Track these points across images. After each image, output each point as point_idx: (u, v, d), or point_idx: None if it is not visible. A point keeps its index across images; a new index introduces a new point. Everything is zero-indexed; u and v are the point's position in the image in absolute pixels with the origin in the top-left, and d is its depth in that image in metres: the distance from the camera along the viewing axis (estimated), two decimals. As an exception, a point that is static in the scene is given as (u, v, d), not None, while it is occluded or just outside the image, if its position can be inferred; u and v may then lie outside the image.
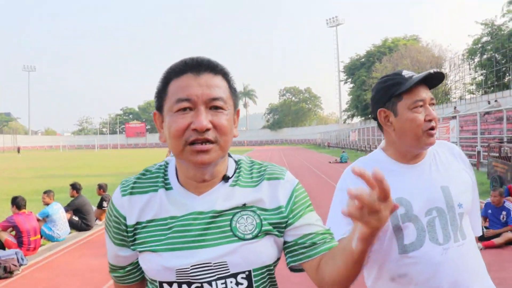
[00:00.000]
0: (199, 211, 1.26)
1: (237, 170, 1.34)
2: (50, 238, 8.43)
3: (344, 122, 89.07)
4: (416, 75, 1.72)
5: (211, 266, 1.22)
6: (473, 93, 47.12)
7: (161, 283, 1.26)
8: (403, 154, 1.79)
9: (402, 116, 1.73)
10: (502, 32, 42.70)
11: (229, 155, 1.38)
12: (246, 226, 1.26)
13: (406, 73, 1.73)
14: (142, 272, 1.36)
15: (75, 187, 9.55)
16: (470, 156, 23.80)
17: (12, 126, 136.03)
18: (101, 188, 10.34)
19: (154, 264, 1.24)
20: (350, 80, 76.18)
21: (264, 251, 1.28)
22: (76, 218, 9.28)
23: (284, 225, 1.31)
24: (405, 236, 1.69)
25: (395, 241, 1.70)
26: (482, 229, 7.64)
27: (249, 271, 1.26)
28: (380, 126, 1.85)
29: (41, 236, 8.00)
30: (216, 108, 1.22)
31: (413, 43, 61.57)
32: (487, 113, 25.92)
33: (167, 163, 1.36)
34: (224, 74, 1.28)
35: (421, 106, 1.70)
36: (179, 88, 1.22)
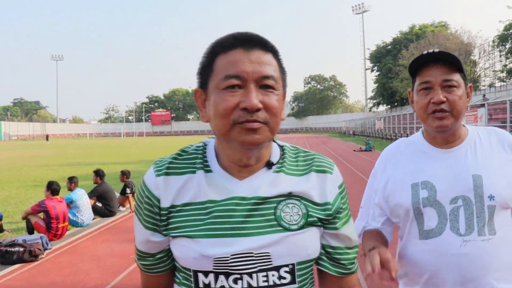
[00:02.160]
0: (241, 197, 1.16)
1: (282, 157, 1.25)
2: (74, 224, 8.56)
3: (370, 110, 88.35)
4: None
5: (253, 256, 1.12)
6: (503, 81, 46.07)
7: (195, 272, 1.16)
8: (432, 136, 1.73)
9: (414, 98, 1.72)
10: (535, 17, 41.50)
11: (273, 140, 1.27)
12: (291, 216, 1.17)
13: (427, 52, 1.65)
14: (173, 260, 1.26)
15: (98, 173, 9.67)
16: (498, 145, 23.25)
17: (41, 114, 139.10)
18: (124, 174, 10.40)
19: (190, 251, 1.14)
20: (376, 68, 75.43)
21: (310, 243, 1.19)
22: (99, 204, 9.41)
23: (327, 222, 1.23)
24: (425, 221, 1.63)
25: (416, 226, 1.66)
26: None
27: (293, 265, 1.16)
28: None
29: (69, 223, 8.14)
30: (267, 87, 1.12)
31: (441, 29, 60.47)
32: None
33: (205, 144, 1.27)
34: (275, 52, 1.18)
35: (428, 88, 1.64)
36: (228, 63, 1.12)
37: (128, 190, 10.08)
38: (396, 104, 69.38)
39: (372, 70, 78.48)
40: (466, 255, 1.57)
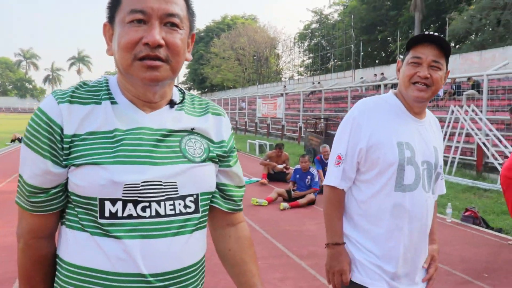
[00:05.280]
0: (149, 127, 1.19)
1: (182, 98, 1.32)
2: None
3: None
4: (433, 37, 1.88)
5: (161, 185, 1.16)
6: (302, 75, 50.74)
7: (102, 200, 1.13)
8: (408, 104, 1.98)
9: (403, 67, 1.96)
10: (329, 21, 46.61)
11: (175, 85, 1.35)
12: (195, 149, 1.24)
13: (427, 33, 1.90)
14: (66, 198, 1.21)
15: None
16: (293, 132, 25.86)
17: None
18: None
19: (98, 178, 1.11)
20: (188, 53, 76.27)
21: (210, 176, 1.28)
22: None
23: (222, 159, 1.34)
24: (405, 176, 1.88)
25: (394, 178, 1.88)
26: (291, 191, 8.61)
27: (197, 195, 1.23)
28: None
29: None
30: (172, 25, 1.16)
31: (251, 22, 63.82)
32: (312, 93, 28.28)
33: (107, 79, 1.26)
34: None
35: (418, 63, 1.89)
36: None
37: None
38: (206, 90, 71.41)
39: (185, 56, 79.29)
40: (427, 206, 1.95)
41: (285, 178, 10.84)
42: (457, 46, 30.63)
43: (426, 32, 1.91)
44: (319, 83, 32.24)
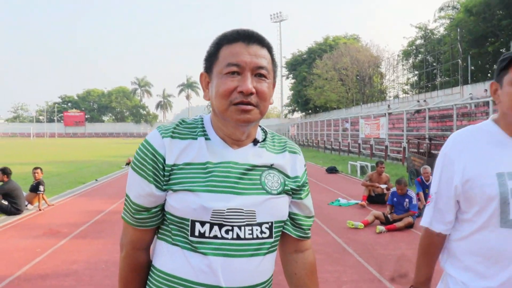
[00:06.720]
0: (235, 162, 1.38)
1: (264, 137, 1.51)
2: (-21, 221, 8.44)
3: (285, 117, 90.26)
4: None
5: (243, 212, 1.34)
6: (407, 93, 49.16)
7: (193, 222, 1.33)
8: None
9: (504, 90, 1.71)
10: (434, 36, 44.90)
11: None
12: (273, 183, 1.42)
13: None
14: (163, 216, 1.42)
15: (5, 172, 9.59)
16: (397, 152, 25.07)
17: None
18: (42, 171, 10.60)
19: (191, 203, 1.32)
20: (291, 75, 77.17)
21: (284, 207, 1.46)
22: (5, 202, 9.34)
23: (295, 192, 1.51)
24: (510, 210, 1.65)
25: (498, 214, 1.66)
26: (388, 215, 8.44)
27: (272, 223, 1.41)
28: None
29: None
30: (260, 76, 1.35)
31: (353, 42, 63.21)
32: (418, 111, 27.35)
33: (202, 118, 1.49)
34: (269, 48, 1.42)
35: None
36: (231, 54, 1.34)
37: (41, 188, 10.13)
38: (310, 111, 71.56)
39: (288, 78, 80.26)
40: None
41: (385, 201, 10.59)
42: None
43: None
44: (424, 101, 31.16)
